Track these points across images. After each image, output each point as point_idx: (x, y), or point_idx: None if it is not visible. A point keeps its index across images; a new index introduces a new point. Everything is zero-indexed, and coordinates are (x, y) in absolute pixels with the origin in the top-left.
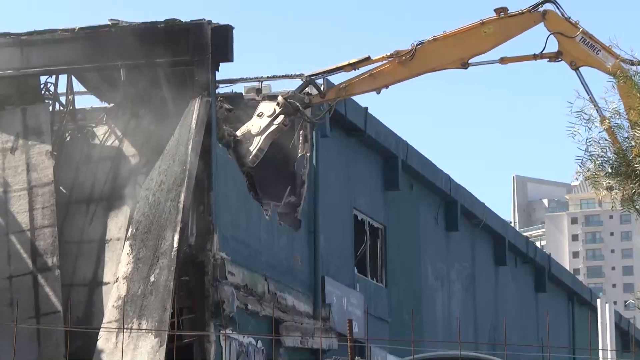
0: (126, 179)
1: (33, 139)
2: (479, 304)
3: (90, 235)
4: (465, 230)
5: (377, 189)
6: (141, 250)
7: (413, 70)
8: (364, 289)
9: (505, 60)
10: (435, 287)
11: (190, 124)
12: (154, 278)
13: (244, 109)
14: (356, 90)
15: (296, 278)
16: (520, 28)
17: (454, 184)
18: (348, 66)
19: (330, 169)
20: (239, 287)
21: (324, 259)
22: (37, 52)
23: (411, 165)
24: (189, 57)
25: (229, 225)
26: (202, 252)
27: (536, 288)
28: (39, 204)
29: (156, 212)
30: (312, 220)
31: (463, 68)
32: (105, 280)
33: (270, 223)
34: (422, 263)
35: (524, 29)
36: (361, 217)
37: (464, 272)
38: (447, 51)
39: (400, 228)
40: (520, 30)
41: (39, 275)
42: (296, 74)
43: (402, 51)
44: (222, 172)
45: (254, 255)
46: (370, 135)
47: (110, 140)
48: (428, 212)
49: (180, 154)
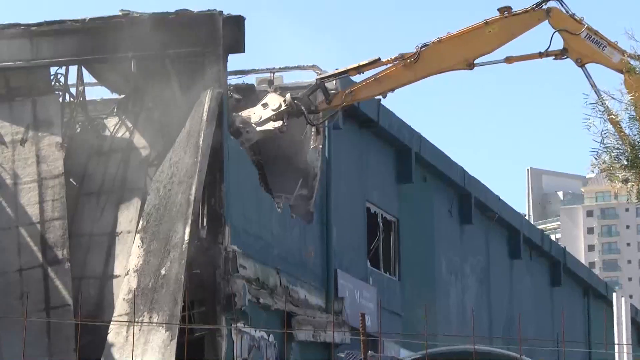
0: (137, 171)
1: (43, 130)
2: (494, 298)
3: (101, 228)
4: (480, 223)
5: (390, 182)
6: (152, 243)
7: (418, 73)
8: (377, 283)
9: (511, 59)
10: (449, 280)
11: (201, 115)
12: (165, 271)
13: (255, 101)
14: (362, 95)
15: (308, 271)
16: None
17: (468, 177)
18: (353, 70)
19: (343, 161)
20: (250, 280)
21: (336, 252)
22: (47, 43)
23: (425, 158)
24: (201, 48)
25: (240, 218)
26: (214, 245)
27: (551, 282)
28: (49, 196)
29: (167, 205)
30: (324, 213)
31: (469, 69)
32: (116, 274)
33: (282, 216)
34: (435, 256)
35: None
36: (374, 210)
37: (478, 266)
38: (452, 52)
39: (413, 221)
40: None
41: (49, 268)
42: (309, 65)
43: (407, 54)
44: (234, 164)
45: (266, 248)
46: (383, 127)
47: (121, 132)
48: (442, 205)
49: (191, 146)
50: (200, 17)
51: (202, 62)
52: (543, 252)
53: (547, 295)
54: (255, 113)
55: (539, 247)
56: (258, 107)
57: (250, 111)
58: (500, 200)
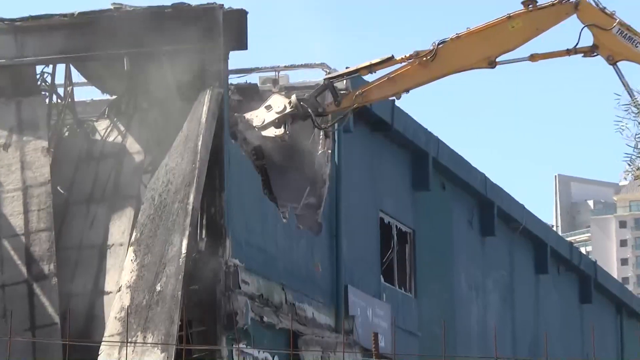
0: (130, 178)
1: (28, 134)
2: (518, 316)
3: (91, 240)
4: (503, 235)
5: (405, 189)
6: (146, 256)
7: (435, 71)
8: (391, 300)
9: (536, 57)
10: (469, 297)
11: (200, 117)
12: (161, 287)
13: (259, 102)
14: (374, 95)
15: (316, 287)
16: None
17: (490, 184)
18: (365, 69)
19: (354, 167)
20: (253, 297)
21: (347, 266)
22: (33, 39)
23: (443, 163)
24: (200, 44)
25: (242, 229)
26: (213, 259)
27: (581, 298)
28: (35, 206)
29: (163, 215)
30: (334, 223)
31: (490, 67)
32: (107, 290)
33: (288, 227)
34: (455, 271)
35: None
36: (388, 220)
37: (501, 281)
38: (472, 50)
39: (430, 232)
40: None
41: (35, 284)
42: (317, 63)
43: (423, 52)
44: (235, 171)
45: (270, 262)
46: (397, 130)
47: (113, 135)
48: (461, 214)
49: (189, 151)
50: (199, 11)
51: (201, 59)
52: (572, 266)
53: (576, 313)
54: (258, 116)
55: (567, 261)
56: (261, 109)
57: (253, 114)
58: (525, 210)
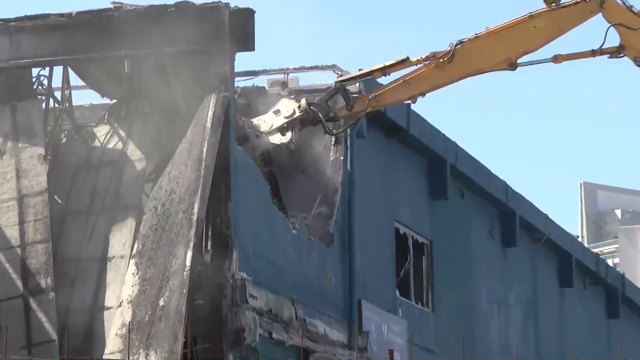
0: (131, 186)
1: (24, 140)
2: (541, 332)
3: (90, 253)
4: (525, 246)
5: (422, 198)
6: (149, 269)
7: (453, 74)
8: (407, 315)
9: (559, 58)
10: (490, 312)
11: (205, 123)
12: (164, 302)
13: (267, 106)
14: (388, 99)
15: (328, 302)
16: (575, 20)
17: (512, 192)
18: (378, 71)
19: (368, 175)
20: (262, 312)
21: (360, 279)
22: (29, 40)
23: (461, 170)
24: (204, 45)
25: (250, 241)
26: (219, 272)
27: (608, 313)
28: (31, 216)
29: (166, 226)
30: (346, 234)
31: (511, 69)
32: (108, 305)
33: (298, 238)
34: (474, 284)
35: (580, 21)
36: (404, 231)
37: (523, 295)
38: (492, 51)
39: (449, 243)
40: (575, 23)
41: (31, 298)
42: (328, 65)
43: (440, 53)
44: (243, 179)
45: (280, 275)
46: (413, 135)
47: (113, 142)
48: (481, 224)
49: (193, 158)
50: (203, 10)
51: (206, 61)
52: (598, 279)
53: (602, 328)
54: (266, 121)
55: (593, 274)
56: (269, 114)
57: (260, 119)
58: (549, 220)
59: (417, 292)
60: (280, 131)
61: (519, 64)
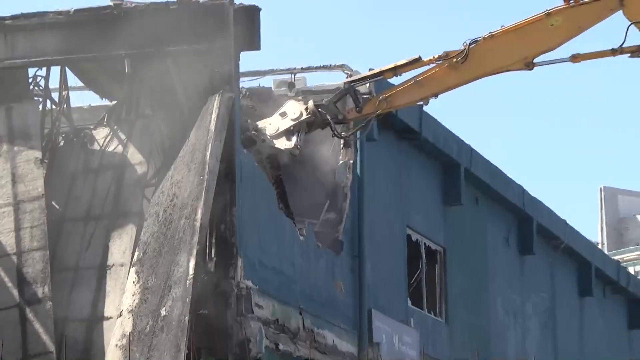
0: (131, 192)
1: (19, 143)
2: (560, 344)
3: (89, 261)
4: (543, 254)
5: (435, 204)
6: (150, 278)
7: (467, 74)
8: (420, 325)
9: (578, 57)
10: (506, 322)
11: (208, 125)
12: (166, 312)
13: (273, 107)
14: (399, 101)
15: (337, 312)
16: (594, 18)
17: (529, 198)
18: (389, 71)
19: (378, 180)
20: (268, 322)
21: (371, 288)
22: (25, 39)
23: (476, 175)
24: (208, 44)
25: (256, 248)
26: (224, 281)
27: (629, 323)
28: (27, 223)
29: (168, 232)
30: (356, 241)
31: (527, 69)
32: (107, 315)
33: (305, 245)
34: (490, 293)
35: (599, 18)
36: (416, 238)
37: (541, 305)
38: (507, 50)
39: (463, 251)
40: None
41: (27, 308)
42: (337, 64)
43: (453, 52)
44: (248, 184)
45: (287, 284)
46: (426, 138)
47: (113, 145)
48: (497, 231)
49: (196, 162)
50: (207, 8)
51: (210, 60)
52: (619, 288)
53: (624, 339)
54: (272, 124)
55: (614, 282)
56: (275, 116)
57: (266, 121)
58: (568, 226)
59: (430, 301)
60: (287, 134)
61: (535, 64)
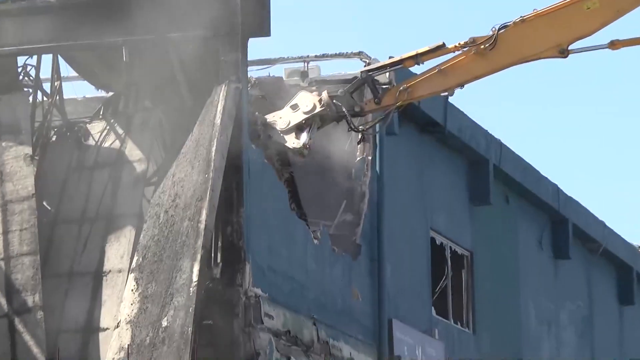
0: (130, 191)
1: (8, 139)
2: (598, 356)
3: (83, 266)
4: (580, 258)
5: (461, 203)
6: (150, 285)
7: (495, 62)
8: (445, 336)
9: (617, 44)
10: (539, 332)
11: (213, 118)
12: (167, 322)
13: (285, 98)
14: (421, 91)
15: (355, 322)
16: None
17: (564, 197)
18: (410, 59)
19: (400, 177)
20: (279, 334)
21: (391, 296)
22: (13, 25)
23: (506, 172)
24: (213, 30)
25: (265, 253)
26: (231, 288)
27: None
28: (16, 225)
29: (170, 236)
30: (375, 245)
31: (562, 57)
32: (103, 326)
33: (320, 249)
34: (521, 301)
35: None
36: (440, 241)
37: (577, 314)
38: (540, 36)
39: (492, 255)
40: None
41: (17, 318)
42: (354, 52)
43: (480, 38)
44: (257, 183)
45: (299, 291)
46: (451, 131)
47: (109, 140)
48: (529, 233)
49: (200, 158)
50: None
51: (215, 48)
52: None
53: None
54: (282, 117)
55: None
56: (285, 109)
57: (276, 115)
58: (607, 228)
59: (455, 310)
60: (297, 130)
61: (570, 51)
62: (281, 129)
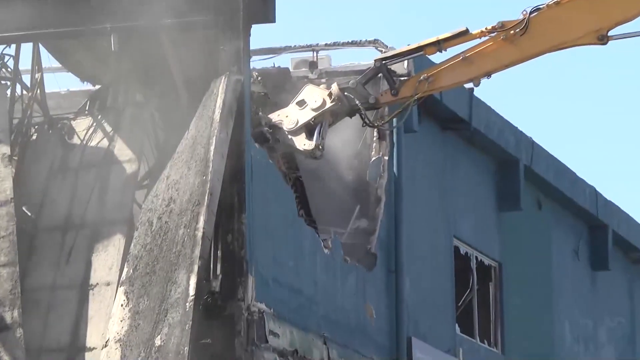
0: (119, 195)
1: None
2: None
3: (68, 279)
4: (620, 269)
5: (488, 209)
6: (142, 300)
7: (527, 49)
8: (470, 356)
9: None
10: (575, 352)
11: (212, 114)
12: (161, 341)
13: (292, 92)
14: (444, 81)
15: (369, 340)
16: None
17: (603, 201)
18: (431, 46)
19: (419, 179)
20: (285, 353)
21: (410, 311)
22: None
23: (539, 174)
24: (212, 16)
25: (270, 263)
26: (232, 303)
27: None
28: None
29: (163, 244)
30: (392, 254)
31: (601, 44)
32: (90, 345)
33: (331, 259)
34: (555, 317)
35: None
36: (465, 250)
37: (618, 331)
38: (576, 20)
39: (522, 266)
40: None
41: None
42: (368, 40)
43: (510, 22)
44: (260, 186)
45: (308, 306)
46: (477, 128)
47: (96, 138)
48: (564, 242)
49: (198, 159)
50: None
51: (215, 36)
52: None
53: None
54: (289, 116)
55: None
56: (291, 106)
57: (282, 113)
58: None
59: (482, 327)
60: (307, 130)
61: (610, 37)
62: (289, 129)
